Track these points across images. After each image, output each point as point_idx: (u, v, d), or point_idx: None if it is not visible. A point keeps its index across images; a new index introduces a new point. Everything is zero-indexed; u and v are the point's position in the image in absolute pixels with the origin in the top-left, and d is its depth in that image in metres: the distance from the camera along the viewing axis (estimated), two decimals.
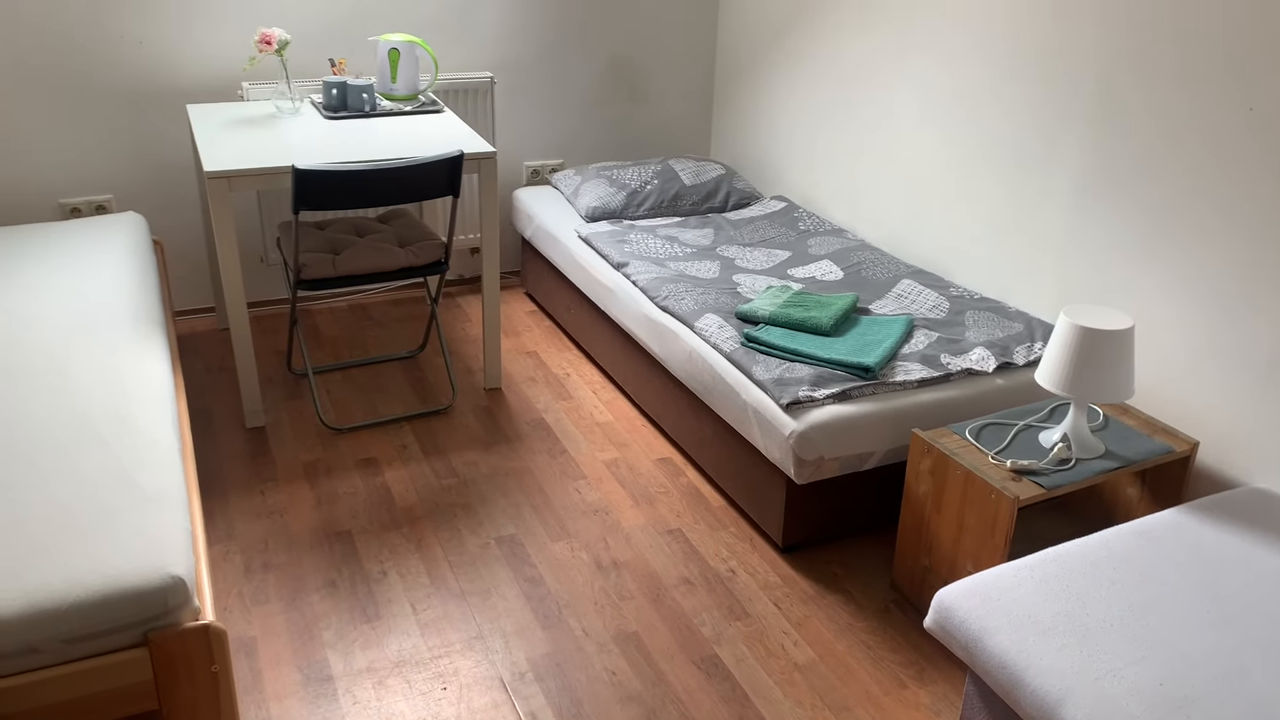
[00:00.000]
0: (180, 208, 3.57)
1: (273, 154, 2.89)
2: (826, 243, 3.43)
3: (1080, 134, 2.69)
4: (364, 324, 3.76)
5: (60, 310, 2.60)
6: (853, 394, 2.50)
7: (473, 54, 3.81)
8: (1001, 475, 2.23)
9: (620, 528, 2.68)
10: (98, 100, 3.35)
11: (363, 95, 3.29)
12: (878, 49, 3.34)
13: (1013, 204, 2.94)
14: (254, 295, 3.81)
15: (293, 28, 3.51)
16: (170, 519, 1.91)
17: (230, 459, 2.92)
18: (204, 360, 3.45)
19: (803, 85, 3.74)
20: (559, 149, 4.10)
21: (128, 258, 2.94)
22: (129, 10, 3.28)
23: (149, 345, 2.53)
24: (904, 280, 3.11)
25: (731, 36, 4.09)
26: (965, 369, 2.63)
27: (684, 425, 2.95)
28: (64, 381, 2.30)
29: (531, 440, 3.06)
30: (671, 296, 2.96)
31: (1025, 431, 2.39)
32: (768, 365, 2.59)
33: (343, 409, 3.19)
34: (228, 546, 2.56)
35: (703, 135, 4.34)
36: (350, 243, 3.13)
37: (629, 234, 3.42)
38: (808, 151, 3.77)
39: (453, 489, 2.82)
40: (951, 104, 3.09)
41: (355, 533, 2.63)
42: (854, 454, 2.46)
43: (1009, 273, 2.99)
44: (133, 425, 2.17)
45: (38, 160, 3.34)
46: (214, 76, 3.46)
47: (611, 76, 4.07)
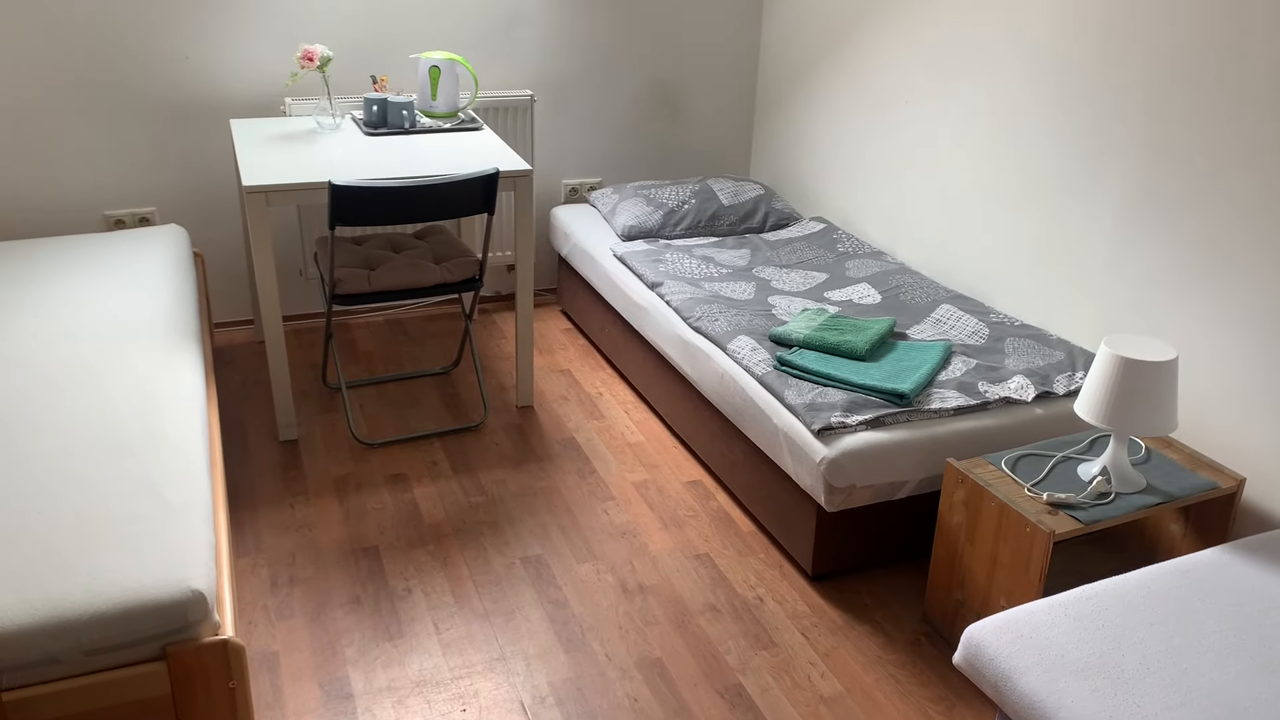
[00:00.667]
0: (222, 221, 3.62)
1: (312, 169, 2.91)
2: (865, 265, 3.39)
3: (1126, 161, 2.63)
4: (400, 339, 3.77)
5: (99, 320, 2.64)
6: (886, 421, 2.46)
7: (514, 72, 3.82)
8: (1037, 508, 2.17)
9: (647, 551, 2.65)
10: (144, 114, 3.40)
11: (403, 112, 3.31)
12: (920, 70, 3.30)
13: (1056, 230, 2.88)
14: (293, 308, 3.85)
15: (335, 45, 3.55)
16: (194, 531, 1.91)
17: (262, 471, 2.93)
18: (241, 372, 3.48)
19: (844, 106, 3.70)
20: (598, 167, 4.10)
21: (168, 270, 2.97)
22: (176, 26, 3.34)
23: (184, 357, 2.55)
24: (943, 305, 3.05)
25: (773, 57, 4.07)
26: (1003, 397, 2.57)
27: (715, 448, 2.91)
28: (98, 391, 2.32)
29: (562, 460, 3.04)
30: (705, 317, 2.93)
31: (1064, 463, 2.33)
32: (800, 389, 2.55)
33: (375, 424, 3.20)
34: (255, 559, 2.57)
35: (742, 155, 4.31)
36: (386, 258, 3.14)
37: (665, 253, 3.40)
38: (848, 173, 3.73)
39: (481, 507, 2.80)
40: (994, 127, 3.04)
41: (382, 549, 2.62)
42: (886, 482, 2.42)
43: (1051, 299, 2.93)
44: (162, 436, 2.18)
45: (84, 173, 3.40)
46: (257, 92, 3.50)
47: (652, 96, 4.06)
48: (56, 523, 1.88)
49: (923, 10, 3.26)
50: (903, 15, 3.34)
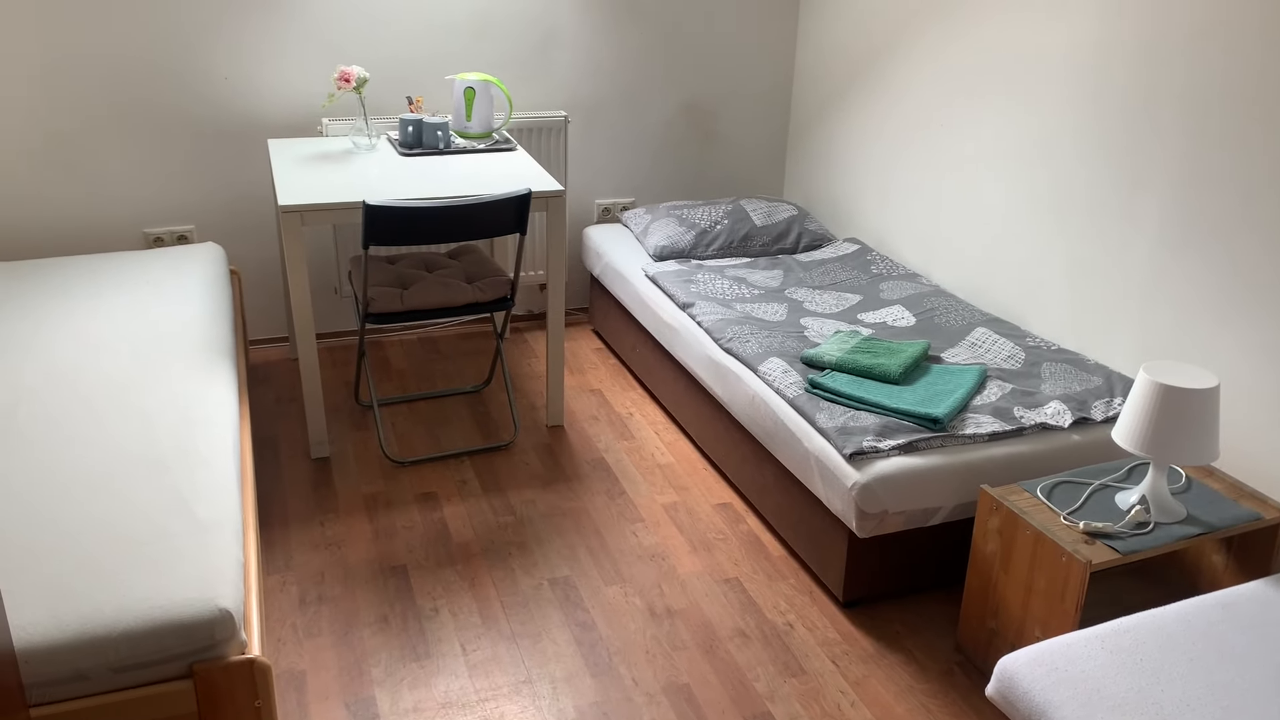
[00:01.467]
0: (259, 239, 3.66)
1: (347, 189, 2.94)
2: (899, 287, 3.35)
3: (1164, 183, 2.59)
4: (432, 357, 3.79)
5: (136, 337, 2.67)
6: (920, 446, 2.42)
7: (548, 93, 3.84)
8: (1074, 537, 2.12)
9: (676, 574, 2.63)
10: (183, 133, 3.45)
11: (437, 133, 3.33)
12: (956, 91, 3.28)
13: (1093, 253, 2.84)
14: (327, 326, 3.88)
15: (372, 66, 3.59)
16: (223, 549, 1.92)
17: (293, 489, 2.95)
18: (275, 389, 3.51)
19: (878, 127, 3.68)
20: (631, 187, 4.10)
21: (205, 287, 3.01)
22: (216, 47, 3.38)
23: (218, 374, 2.57)
24: (978, 328, 3.02)
25: (806, 77, 4.06)
26: (1039, 423, 2.52)
27: (745, 471, 2.89)
28: (133, 407, 2.34)
29: (591, 480, 3.03)
30: (736, 339, 2.92)
31: (1101, 491, 2.28)
32: (832, 413, 2.52)
33: (406, 442, 3.21)
34: (285, 577, 2.57)
35: (775, 176, 4.30)
36: (419, 277, 3.16)
37: (696, 274, 3.39)
38: (882, 194, 3.70)
39: (509, 527, 2.80)
40: (1031, 149, 3.01)
41: (411, 568, 2.62)
42: (919, 508, 2.38)
43: (1088, 324, 2.88)
44: (194, 453, 2.20)
45: (124, 191, 3.45)
46: (295, 112, 3.54)
47: (685, 116, 4.06)
48: (88, 538, 1.90)
49: (957, 31, 3.23)
50: (937, 36, 3.32)
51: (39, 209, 3.38)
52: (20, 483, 2.05)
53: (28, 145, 3.30)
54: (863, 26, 3.69)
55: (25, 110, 3.26)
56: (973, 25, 3.17)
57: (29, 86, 3.24)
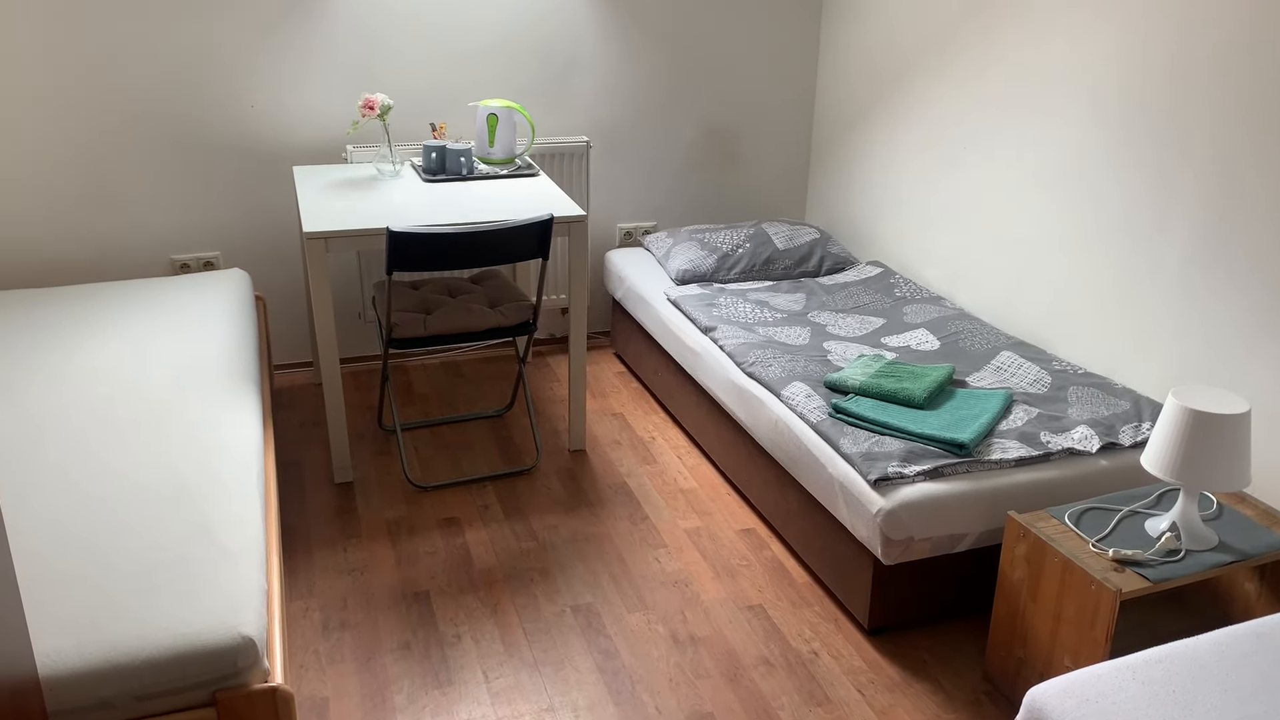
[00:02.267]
0: (284, 265, 3.68)
1: (371, 215, 2.96)
2: (923, 310, 3.34)
3: (1194, 207, 2.57)
4: (455, 381, 3.80)
5: (162, 363, 2.69)
6: (945, 472, 2.40)
7: (569, 119, 3.86)
8: (1103, 565, 2.09)
9: (700, 601, 2.61)
10: (210, 161, 3.49)
11: (460, 159, 3.35)
12: (979, 112, 3.27)
13: (1120, 276, 2.81)
14: (351, 351, 3.90)
15: (396, 93, 3.62)
16: (246, 577, 1.92)
17: (317, 514, 2.95)
18: (299, 414, 3.52)
19: (901, 149, 3.67)
20: (652, 211, 4.11)
21: (230, 313, 3.03)
22: (243, 76, 3.43)
23: (243, 399, 2.58)
24: (1004, 352, 2.99)
25: (829, 100, 4.06)
26: (1066, 448, 2.50)
27: (769, 496, 2.87)
28: (157, 434, 2.36)
29: (613, 505, 3.02)
30: (758, 363, 2.91)
31: (1130, 518, 2.25)
32: (856, 438, 2.51)
33: (429, 466, 3.21)
34: (308, 603, 2.58)
35: (798, 199, 4.30)
36: (442, 303, 3.17)
37: (719, 297, 3.39)
38: (905, 216, 3.69)
39: (532, 553, 2.79)
40: (1056, 171, 2.99)
41: (433, 594, 2.62)
42: (945, 535, 2.35)
43: (1115, 348, 2.85)
44: (218, 480, 2.21)
45: (151, 218, 3.49)
46: (320, 139, 3.58)
47: (706, 140, 4.07)
48: (113, 566, 1.91)
49: (980, 52, 3.23)
50: (960, 57, 3.32)
51: (68, 237, 3.42)
52: (46, 509, 2.06)
53: (58, 174, 3.35)
54: (884, 48, 3.69)
55: (55, 140, 3.31)
56: (996, 46, 3.17)
57: (59, 117, 3.29)
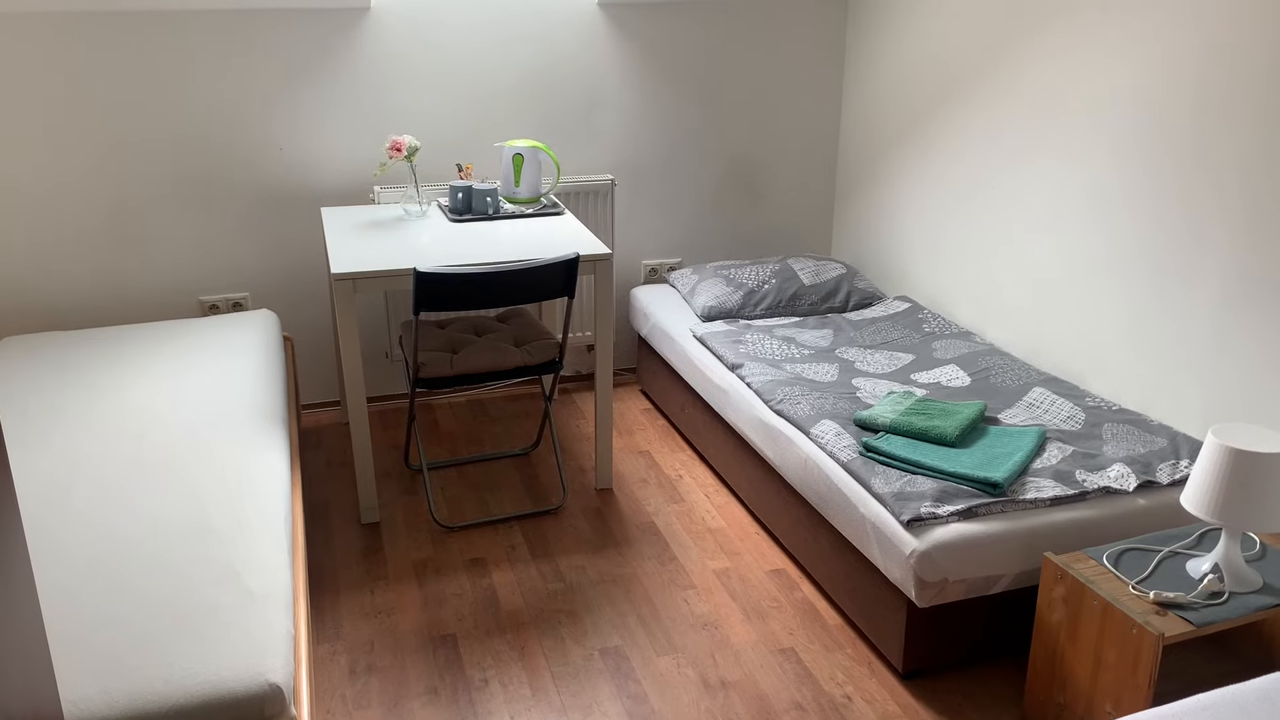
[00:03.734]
0: (312, 305, 3.71)
1: (398, 256, 2.97)
2: (953, 346, 3.30)
3: (1225, 240, 2.53)
4: (481, 420, 3.79)
5: (192, 403, 2.70)
6: (979, 511, 2.36)
7: (595, 157, 3.87)
8: (1144, 608, 2.04)
9: (730, 644, 2.57)
10: (240, 203, 3.52)
11: (486, 199, 3.37)
12: (1008, 147, 3.25)
13: (1153, 310, 2.77)
14: (378, 390, 3.90)
15: (423, 135, 3.65)
16: (273, 622, 1.91)
17: (343, 555, 2.94)
18: (327, 453, 3.53)
19: (928, 183, 3.66)
20: (678, 248, 4.11)
21: (259, 354, 3.04)
22: (271, 118, 3.47)
23: (270, 440, 2.58)
24: (1036, 388, 2.95)
25: (854, 135, 4.06)
26: (1103, 487, 2.45)
27: (799, 536, 2.83)
28: (186, 475, 2.36)
29: (641, 545, 2.99)
30: (787, 400, 2.88)
31: (1171, 559, 2.20)
32: (887, 477, 2.47)
33: (455, 506, 3.20)
34: (334, 646, 2.56)
35: (823, 234, 4.28)
36: (468, 341, 3.17)
37: (745, 334, 3.37)
38: (933, 251, 3.67)
39: (559, 594, 2.76)
40: (1086, 204, 2.96)
41: (460, 636, 2.59)
42: (981, 576, 2.31)
43: (1150, 383, 2.80)
44: (246, 522, 2.20)
45: (181, 260, 3.52)
46: (347, 181, 3.61)
47: (731, 176, 4.07)
48: (140, 611, 1.90)
49: (1007, 85, 3.21)
50: (987, 90, 3.30)
51: (100, 279, 3.46)
52: (75, 554, 2.06)
53: (91, 216, 3.39)
54: (909, 82, 3.69)
55: (88, 182, 3.36)
56: (1024, 79, 3.15)
57: (92, 160, 3.34)
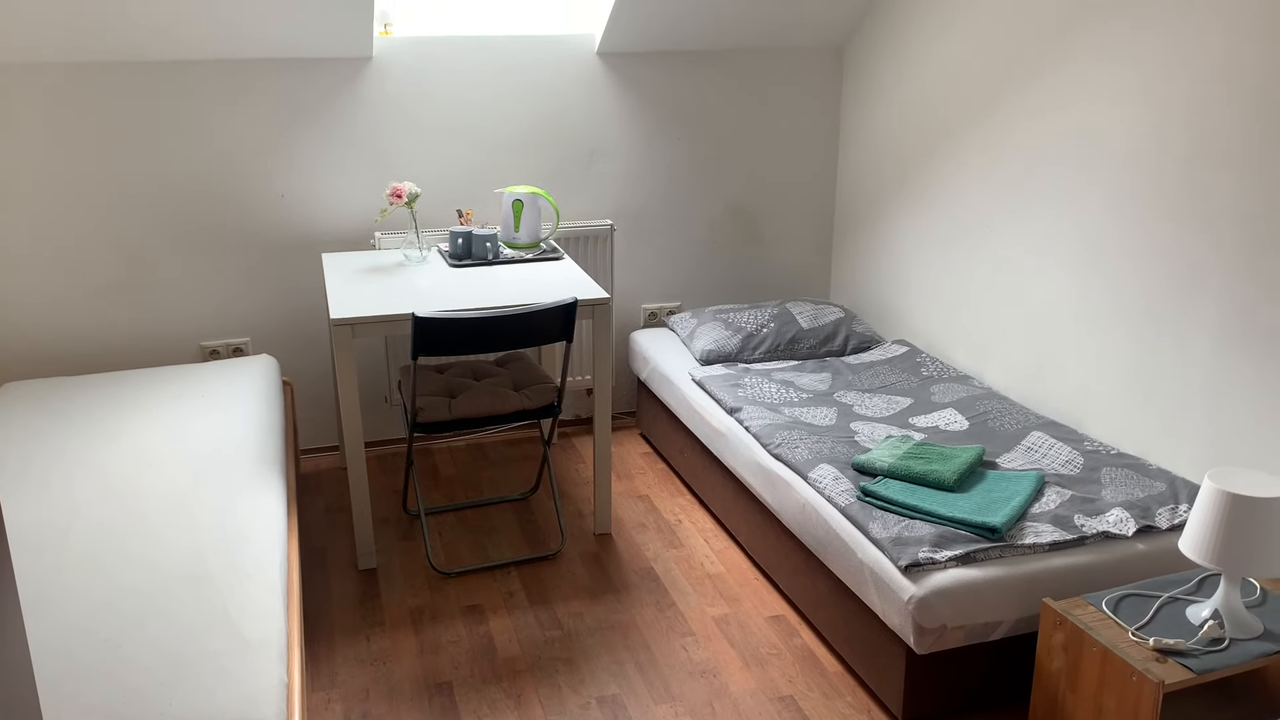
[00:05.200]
0: (312, 350, 3.72)
1: (397, 301, 2.98)
2: (951, 390, 3.31)
3: (1222, 284, 2.54)
4: (480, 463, 3.79)
5: (190, 449, 2.70)
6: (978, 556, 2.35)
7: (594, 203, 3.91)
8: (1144, 655, 2.03)
9: (728, 692, 2.54)
10: (240, 249, 3.55)
11: (486, 244, 3.40)
12: (1003, 192, 3.28)
13: (1150, 354, 2.78)
14: (377, 434, 3.90)
15: (423, 181, 3.68)
16: (268, 670, 1.90)
17: (340, 601, 2.93)
18: (325, 498, 3.52)
19: (925, 228, 3.68)
20: (677, 292, 4.13)
21: (258, 399, 3.05)
22: (272, 165, 3.50)
23: (268, 486, 2.58)
24: (1034, 432, 2.95)
25: (850, 180, 4.09)
26: (1102, 532, 2.44)
27: (798, 581, 2.82)
28: (183, 522, 2.36)
29: (639, 591, 2.97)
30: (785, 444, 2.88)
31: (1170, 605, 2.19)
32: (885, 522, 2.46)
33: (453, 551, 3.19)
34: (329, 694, 2.54)
35: (821, 278, 4.31)
36: (467, 386, 3.18)
37: (743, 378, 3.38)
38: (931, 295, 3.68)
39: (556, 641, 2.74)
40: (1082, 249, 2.98)
41: (456, 684, 2.57)
42: (980, 623, 2.29)
43: (1149, 427, 2.80)
44: (242, 569, 2.20)
45: (182, 306, 3.54)
46: (348, 227, 3.64)
47: (729, 220, 4.10)
48: (137, 658, 1.89)
49: (1003, 130, 3.25)
50: (983, 135, 3.34)
51: (100, 324, 3.47)
52: (70, 601, 2.06)
53: (93, 262, 3.41)
54: (905, 129, 3.73)
55: (87, 229, 3.38)
56: (1017, 126, 3.19)
57: (92, 208, 3.37)
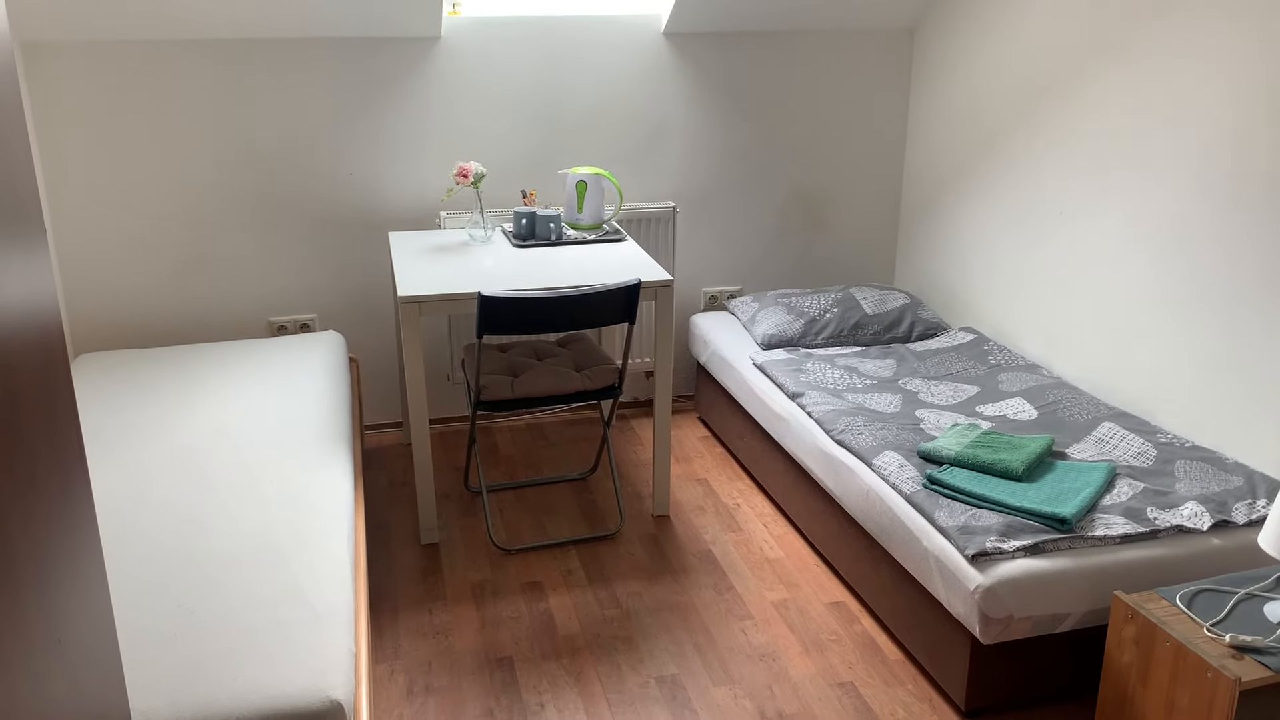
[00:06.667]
0: (377, 327, 3.76)
1: (463, 280, 3.01)
2: (1019, 379, 3.25)
3: None
4: (539, 444, 3.81)
5: (259, 422, 2.75)
6: (1046, 547, 2.31)
7: (657, 184, 3.89)
8: (1219, 651, 1.98)
9: (788, 676, 2.54)
10: (309, 227, 3.60)
11: (550, 225, 3.40)
12: (1077, 176, 3.20)
13: (1230, 344, 2.70)
14: (439, 412, 3.94)
15: (489, 161, 3.70)
16: (336, 639, 1.93)
17: (403, 575, 2.97)
18: (389, 474, 3.57)
19: (995, 213, 3.61)
20: (738, 276, 4.10)
21: (325, 374, 3.09)
22: (342, 145, 3.54)
23: (335, 460, 2.62)
24: (1105, 423, 2.89)
25: (919, 164, 4.03)
26: (1175, 525, 2.38)
27: (859, 568, 2.80)
28: (252, 493, 2.40)
29: (698, 573, 2.97)
30: (848, 430, 2.85)
31: (1247, 601, 2.13)
32: (952, 510, 2.43)
33: (513, 529, 3.21)
34: (393, 665, 2.58)
35: (886, 264, 4.25)
36: (529, 365, 3.20)
37: (806, 363, 3.35)
38: (999, 281, 3.62)
39: (615, 620, 2.75)
40: (1161, 236, 2.90)
41: (516, 660, 2.60)
42: (1047, 614, 2.26)
43: (1225, 419, 2.73)
44: (310, 541, 2.23)
45: (252, 282, 3.60)
46: (414, 206, 3.67)
47: (794, 204, 4.06)
48: (208, 626, 1.93)
49: (1079, 111, 3.17)
50: (1057, 117, 3.26)
51: (172, 299, 3.55)
52: (146, 568, 2.11)
53: (164, 240, 3.49)
54: (976, 108, 3.66)
55: (162, 208, 3.45)
56: (1097, 104, 3.11)
57: (166, 187, 3.44)
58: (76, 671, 1.31)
